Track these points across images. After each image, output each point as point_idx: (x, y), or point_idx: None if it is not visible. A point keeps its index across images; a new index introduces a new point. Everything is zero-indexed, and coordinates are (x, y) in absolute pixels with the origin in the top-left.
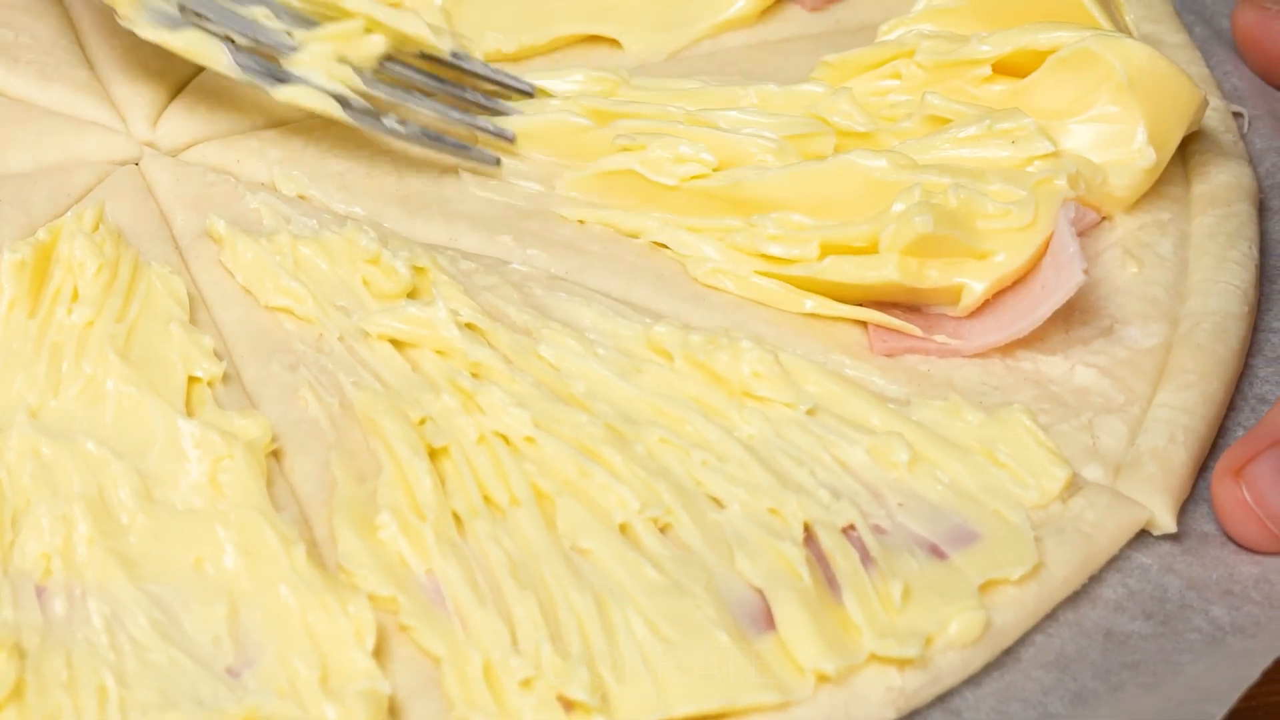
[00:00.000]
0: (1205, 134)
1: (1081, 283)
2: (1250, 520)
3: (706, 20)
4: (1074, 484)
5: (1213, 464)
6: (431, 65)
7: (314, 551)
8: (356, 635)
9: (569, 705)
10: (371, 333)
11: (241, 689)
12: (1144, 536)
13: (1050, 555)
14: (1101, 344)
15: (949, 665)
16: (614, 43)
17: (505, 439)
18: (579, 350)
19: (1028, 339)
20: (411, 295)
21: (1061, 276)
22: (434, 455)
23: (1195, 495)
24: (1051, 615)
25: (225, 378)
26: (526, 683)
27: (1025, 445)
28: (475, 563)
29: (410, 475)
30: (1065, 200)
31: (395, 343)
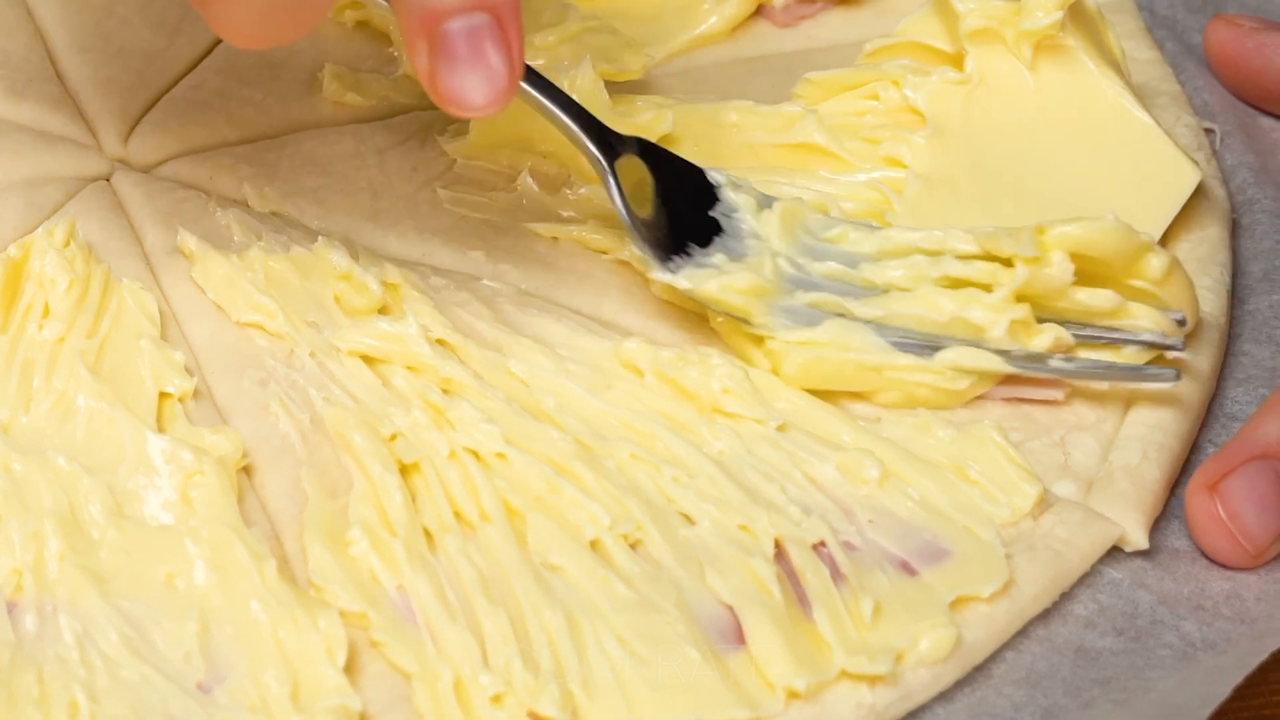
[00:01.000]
0: None
1: None
2: (1224, 535)
3: (678, 37)
4: (1045, 500)
5: (1184, 481)
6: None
7: (285, 567)
8: (327, 651)
9: None
10: (342, 349)
11: (212, 705)
12: (1116, 552)
13: (1021, 572)
14: None
15: (919, 682)
16: None
17: (476, 455)
18: (549, 366)
19: None
20: (383, 311)
21: None
22: (405, 471)
23: (1167, 512)
24: (1022, 631)
25: (196, 393)
26: (497, 699)
27: (996, 462)
28: (446, 579)
29: (381, 491)
30: None
31: (366, 358)
